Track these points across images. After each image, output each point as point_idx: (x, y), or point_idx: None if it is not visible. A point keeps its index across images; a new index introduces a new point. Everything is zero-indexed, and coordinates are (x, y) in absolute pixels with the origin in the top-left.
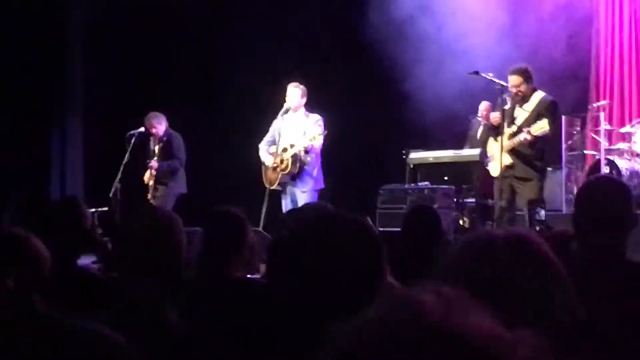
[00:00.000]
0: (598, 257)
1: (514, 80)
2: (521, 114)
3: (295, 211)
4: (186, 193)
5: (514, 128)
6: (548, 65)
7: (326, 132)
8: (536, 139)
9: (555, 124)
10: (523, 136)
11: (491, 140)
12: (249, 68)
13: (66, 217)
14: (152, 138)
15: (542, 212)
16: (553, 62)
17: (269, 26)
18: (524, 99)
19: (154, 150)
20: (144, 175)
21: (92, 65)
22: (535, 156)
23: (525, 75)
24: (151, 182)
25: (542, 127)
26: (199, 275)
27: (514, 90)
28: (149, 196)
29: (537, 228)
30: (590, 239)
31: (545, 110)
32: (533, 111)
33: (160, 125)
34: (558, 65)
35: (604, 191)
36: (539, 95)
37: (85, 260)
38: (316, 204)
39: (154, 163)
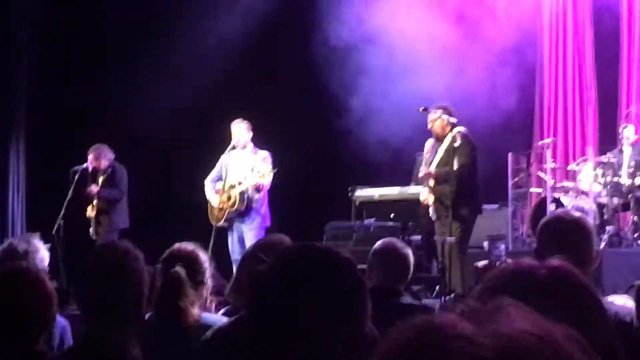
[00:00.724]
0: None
1: (430, 115)
2: (438, 153)
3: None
4: (128, 228)
5: (432, 168)
6: (494, 103)
7: (276, 169)
8: (442, 177)
9: (467, 157)
10: (426, 174)
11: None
12: (193, 104)
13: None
14: (95, 169)
15: (502, 247)
16: (498, 100)
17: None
18: (439, 138)
19: (96, 180)
20: (85, 209)
21: (36, 95)
22: (451, 192)
23: (442, 111)
24: (93, 214)
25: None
26: (157, 315)
27: (429, 125)
28: (91, 231)
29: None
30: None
31: (456, 145)
32: (447, 149)
33: (103, 159)
34: (503, 104)
35: (570, 226)
36: (454, 132)
37: None
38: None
39: (93, 187)
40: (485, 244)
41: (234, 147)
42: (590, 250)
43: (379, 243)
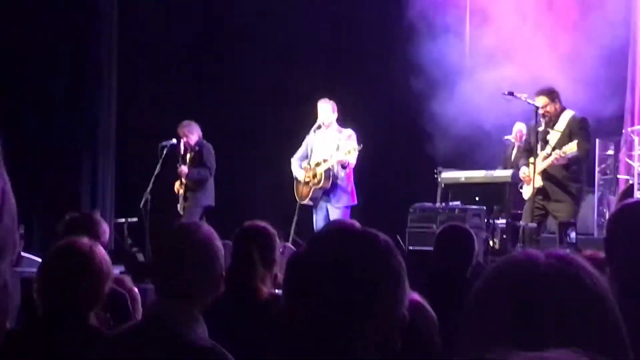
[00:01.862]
0: (631, 283)
1: (540, 101)
2: (553, 135)
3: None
4: (213, 206)
5: (547, 150)
6: (583, 88)
7: (361, 145)
8: (568, 161)
9: (588, 141)
10: (553, 157)
11: (524, 164)
12: (282, 83)
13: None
14: (184, 146)
15: (573, 235)
16: (588, 85)
17: (299, 41)
18: (553, 120)
19: (185, 158)
20: (174, 185)
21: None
22: (570, 177)
23: (551, 96)
24: (181, 191)
25: (571, 148)
26: (227, 291)
27: (541, 111)
28: (179, 206)
29: (567, 251)
30: (622, 264)
31: (576, 129)
32: (564, 131)
33: (192, 134)
34: (592, 90)
35: (638, 216)
36: (568, 114)
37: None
38: (341, 221)
39: (184, 168)
40: (556, 230)
41: (319, 126)
42: None
43: (441, 228)
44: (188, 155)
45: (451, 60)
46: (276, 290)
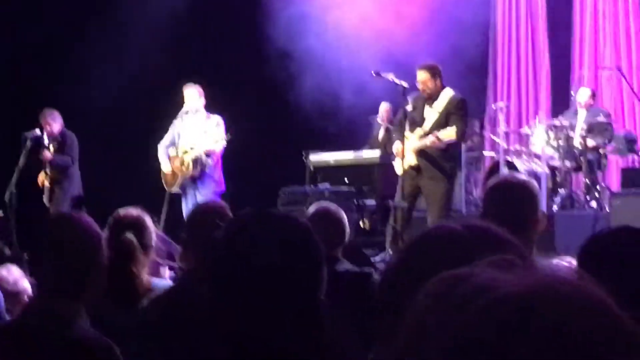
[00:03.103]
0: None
1: (420, 75)
2: (431, 114)
3: (200, 210)
4: (82, 196)
5: (425, 127)
6: (445, 66)
7: (229, 135)
8: (445, 145)
9: (465, 123)
10: (430, 140)
11: (398, 139)
12: (144, 68)
13: None
14: (46, 136)
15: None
16: (451, 64)
17: (161, 24)
18: (432, 97)
19: (48, 147)
20: (37, 176)
21: None
22: (445, 157)
23: (432, 71)
24: (46, 183)
25: (449, 134)
26: (110, 282)
27: (420, 86)
28: (44, 198)
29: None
30: None
31: (454, 109)
32: (443, 110)
33: (54, 123)
34: (455, 67)
35: (510, 191)
36: (448, 94)
37: None
38: (214, 202)
39: (47, 154)
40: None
41: (186, 112)
42: (535, 212)
43: (311, 208)
44: (51, 145)
45: (314, 41)
46: (154, 279)
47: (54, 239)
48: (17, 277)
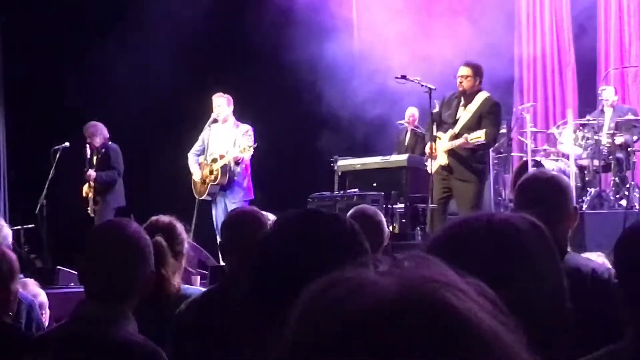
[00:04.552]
0: None
1: (462, 70)
2: (464, 115)
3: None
4: (124, 206)
5: (456, 129)
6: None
7: (257, 144)
8: (475, 146)
9: (496, 127)
10: (459, 142)
11: (429, 140)
12: (172, 76)
13: None
14: (89, 149)
15: None
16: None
17: (189, 34)
18: (467, 96)
19: (91, 161)
20: (80, 189)
21: (13, 73)
22: (475, 158)
23: (475, 70)
24: (90, 194)
25: (478, 136)
26: None
27: (459, 79)
28: (89, 210)
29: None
30: None
31: (486, 113)
32: (475, 112)
33: (95, 136)
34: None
35: (541, 185)
36: (482, 96)
37: None
38: (248, 207)
39: (91, 173)
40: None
41: (215, 121)
42: (567, 206)
43: (350, 211)
44: (94, 158)
45: (341, 48)
46: (184, 285)
47: (103, 245)
48: (36, 291)
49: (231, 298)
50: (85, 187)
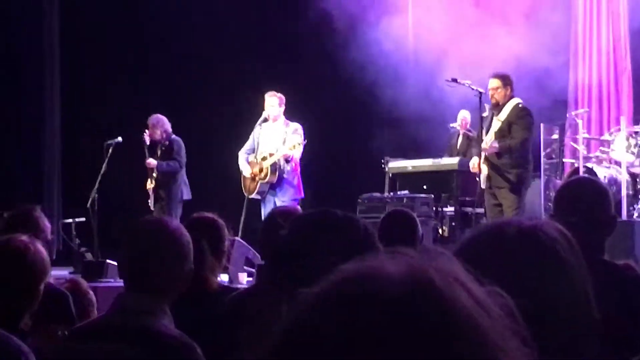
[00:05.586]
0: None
1: (491, 83)
2: (495, 124)
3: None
4: (190, 199)
5: (490, 137)
6: (527, 73)
7: (306, 141)
8: (504, 150)
9: (527, 130)
10: (489, 151)
11: (476, 153)
12: (226, 75)
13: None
14: (150, 140)
15: None
16: (532, 69)
17: (244, 34)
18: (499, 106)
19: (154, 152)
20: (144, 182)
21: (70, 69)
22: (508, 164)
23: (504, 80)
24: (151, 186)
25: (505, 144)
26: None
27: (490, 92)
28: (150, 202)
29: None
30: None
31: (515, 118)
32: (505, 119)
33: (156, 129)
34: (536, 73)
35: (583, 191)
36: (512, 103)
37: (62, 271)
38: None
39: (151, 161)
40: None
41: (265, 120)
42: (603, 213)
43: (386, 212)
44: (159, 150)
45: (393, 50)
46: (224, 282)
47: (144, 240)
48: (86, 289)
49: (259, 294)
50: (148, 182)
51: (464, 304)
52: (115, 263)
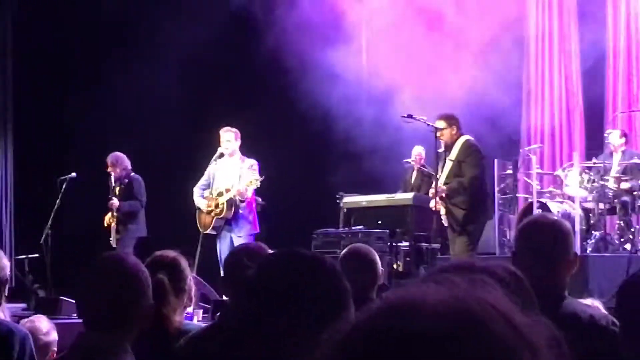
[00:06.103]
0: (536, 293)
1: (438, 124)
2: (447, 164)
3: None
4: (145, 237)
5: (442, 178)
6: (480, 109)
7: (263, 177)
8: (453, 192)
9: (476, 167)
10: (438, 194)
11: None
12: (182, 111)
13: None
14: (112, 178)
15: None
16: (484, 107)
17: (199, 72)
18: (448, 147)
19: (114, 190)
20: (102, 218)
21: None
22: (464, 202)
23: (449, 121)
24: (113, 224)
25: (454, 186)
26: None
27: (437, 134)
28: (111, 239)
29: None
30: (529, 274)
31: (464, 156)
32: (455, 159)
33: (115, 167)
34: (490, 110)
35: (541, 230)
36: (460, 142)
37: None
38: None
39: (115, 202)
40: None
41: (221, 155)
42: (566, 253)
43: (345, 250)
44: (117, 188)
45: (348, 87)
46: (185, 321)
47: (102, 276)
48: (49, 328)
49: (229, 333)
50: (108, 217)
51: (505, 337)
52: (70, 300)
